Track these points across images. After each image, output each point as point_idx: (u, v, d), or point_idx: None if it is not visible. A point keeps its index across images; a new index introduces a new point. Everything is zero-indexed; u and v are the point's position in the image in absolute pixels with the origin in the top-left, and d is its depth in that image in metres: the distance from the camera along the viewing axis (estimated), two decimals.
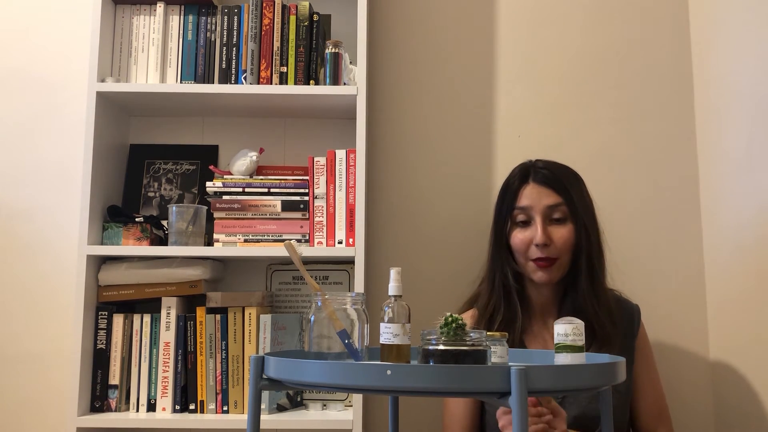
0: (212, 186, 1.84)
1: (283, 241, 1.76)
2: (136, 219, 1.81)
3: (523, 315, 1.64)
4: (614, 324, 1.57)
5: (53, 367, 1.92)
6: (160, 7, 1.89)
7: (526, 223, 1.61)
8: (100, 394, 1.76)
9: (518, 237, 1.61)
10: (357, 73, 1.82)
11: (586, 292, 1.58)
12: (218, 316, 1.77)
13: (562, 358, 1.21)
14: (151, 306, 1.81)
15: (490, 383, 0.98)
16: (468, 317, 1.67)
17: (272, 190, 1.83)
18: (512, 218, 1.63)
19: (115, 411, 1.76)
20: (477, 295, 1.71)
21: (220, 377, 1.76)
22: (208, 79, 1.87)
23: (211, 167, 1.90)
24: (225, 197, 1.83)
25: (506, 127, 2.02)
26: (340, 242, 1.77)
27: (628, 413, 1.63)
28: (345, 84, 1.83)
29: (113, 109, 1.90)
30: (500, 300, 1.63)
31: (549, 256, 1.57)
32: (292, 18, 1.85)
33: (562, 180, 1.62)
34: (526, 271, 1.63)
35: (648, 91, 2.02)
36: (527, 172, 1.64)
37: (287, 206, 1.82)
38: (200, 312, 1.78)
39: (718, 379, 1.87)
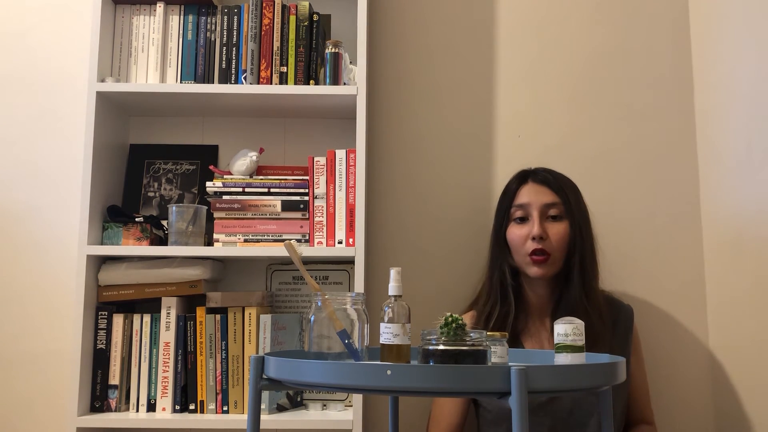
0: (212, 186, 1.84)
1: (283, 241, 1.76)
2: (136, 219, 1.81)
3: (521, 314, 1.68)
4: (604, 324, 1.61)
5: (53, 367, 1.92)
6: (160, 7, 1.89)
7: (524, 220, 1.67)
8: (100, 394, 1.76)
9: (515, 233, 1.66)
10: (357, 73, 1.81)
11: (577, 291, 1.61)
12: (218, 316, 1.77)
13: (562, 358, 1.21)
14: (151, 306, 1.81)
15: (490, 383, 0.98)
16: (467, 318, 1.70)
17: (272, 190, 1.83)
18: (510, 215, 1.69)
19: (115, 411, 1.76)
20: (477, 298, 1.75)
21: (220, 377, 1.76)
22: (208, 79, 1.87)
23: (211, 167, 1.90)
24: (225, 197, 1.83)
25: (506, 127, 2.02)
26: (340, 242, 1.77)
27: (624, 410, 1.66)
28: (345, 84, 1.83)
29: (113, 109, 1.90)
30: (497, 297, 1.67)
31: (544, 248, 1.61)
32: (292, 18, 1.85)
33: (559, 182, 1.69)
34: (521, 267, 1.66)
35: (648, 91, 2.02)
36: (526, 174, 1.73)
37: (287, 206, 1.82)
38: (200, 312, 1.78)
39: (717, 379, 1.87)
